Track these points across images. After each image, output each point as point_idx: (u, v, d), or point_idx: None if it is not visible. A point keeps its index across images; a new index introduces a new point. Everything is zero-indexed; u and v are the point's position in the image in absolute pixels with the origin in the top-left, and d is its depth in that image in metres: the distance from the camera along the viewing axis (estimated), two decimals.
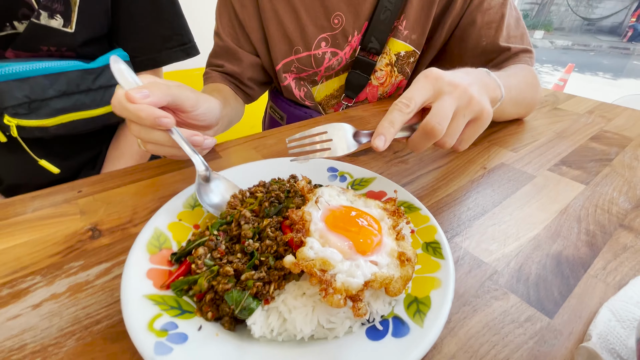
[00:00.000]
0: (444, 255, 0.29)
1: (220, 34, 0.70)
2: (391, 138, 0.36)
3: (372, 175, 0.42)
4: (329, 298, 0.23)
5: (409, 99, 0.36)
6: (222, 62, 0.70)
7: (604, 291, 0.32)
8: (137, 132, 0.37)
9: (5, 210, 0.41)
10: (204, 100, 0.43)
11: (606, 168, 0.52)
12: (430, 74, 0.38)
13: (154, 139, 0.38)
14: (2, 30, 0.56)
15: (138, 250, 0.29)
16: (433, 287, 0.27)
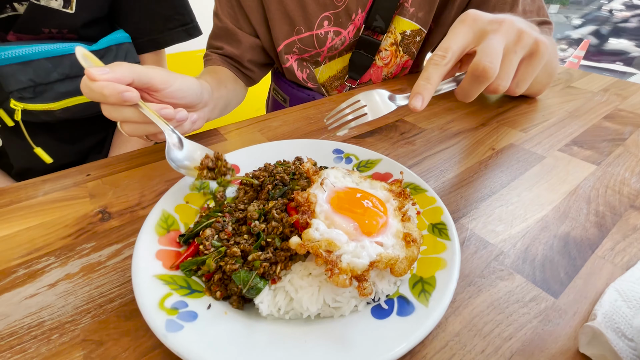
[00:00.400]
0: (450, 236, 0.29)
1: (219, 14, 0.68)
2: (429, 95, 0.33)
3: (378, 156, 0.41)
4: (335, 278, 0.23)
5: (445, 49, 0.33)
6: (221, 44, 0.68)
7: (611, 272, 0.32)
8: (107, 112, 0.37)
9: (17, 194, 0.42)
10: (176, 77, 0.41)
11: (619, 148, 0.51)
12: (466, 17, 0.35)
13: (125, 117, 0.37)
14: (2, 12, 0.56)
15: (147, 232, 0.30)
16: (438, 267, 0.27)
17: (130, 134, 0.39)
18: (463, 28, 0.34)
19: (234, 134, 0.54)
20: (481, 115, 0.61)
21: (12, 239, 0.35)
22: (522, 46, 0.34)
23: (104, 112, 0.37)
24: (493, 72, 0.32)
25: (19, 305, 0.28)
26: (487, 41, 0.33)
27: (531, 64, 0.36)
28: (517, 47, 0.33)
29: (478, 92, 0.35)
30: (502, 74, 0.34)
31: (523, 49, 0.34)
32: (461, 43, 0.34)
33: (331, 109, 0.62)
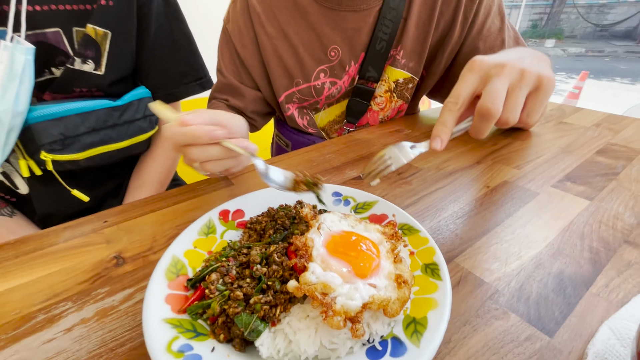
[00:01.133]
0: (442, 276, 0.31)
1: (222, 71, 0.75)
2: (447, 137, 0.38)
3: (374, 198, 0.44)
4: (329, 320, 0.25)
5: (457, 95, 0.38)
6: (225, 96, 0.75)
7: (606, 309, 0.32)
8: (195, 155, 0.42)
9: (40, 241, 0.45)
10: (238, 117, 0.48)
11: (612, 182, 0.52)
12: (472, 64, 0.39)
13: (210, 155, 0.42)
14: (41, 76, 0.63)
15: (158, 277, 0.32)
16: (430, 307, 0.28)
17: (211, 171, 0.45)
18: (471, 75, 0.38)
19: (240, 179, 0.58)
20: (476, 153, 0.63)
21: (34, 285, 0.38)
22: (526, 83, 0.37)
23: (190, 155, 0.42)
24: (495, 111, 0.36)
25: (37, 350, 0.30)
26: (490, 84, 0.37)
27: (538, 96, 0.39)
28: (521, 84, 0.37)
29: (488, 129, 0.38)
30: (509, 108, 0.37)
31: (527, 85, 0.37)
32: (470, 89, 0.38)
33: (331, 152, 0.66)
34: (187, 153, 0.42)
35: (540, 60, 0.42)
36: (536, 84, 0.38)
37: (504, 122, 0.37)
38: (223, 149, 0.42)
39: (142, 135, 0.73)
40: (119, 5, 0.63)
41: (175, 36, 0.75)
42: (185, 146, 0.42)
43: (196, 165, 0.44)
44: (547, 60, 0.45)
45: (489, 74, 0.37)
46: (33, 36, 0.58)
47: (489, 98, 0.36)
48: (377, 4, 0.67)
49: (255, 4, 0.69)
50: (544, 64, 0.41)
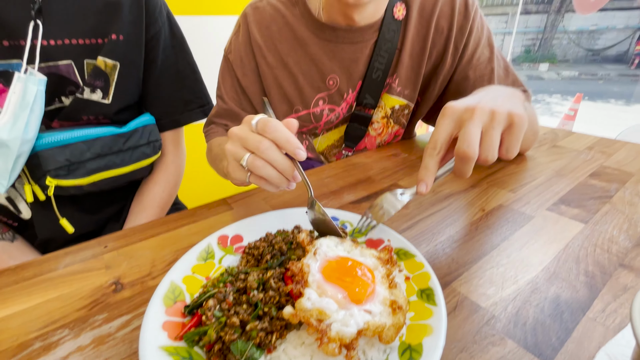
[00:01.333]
0: (437, 302, 0.31)
1: (223, 97, 0.77)
2: (431, 181, 0.40)
3: (371, 223, 0.44)
4: (324, 347, 0.25)
5: (434, 141, 0.40)
6: (225, 121, 0.77)
7: (603, 335, 0.32)
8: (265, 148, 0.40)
9: (41, 267, 0.45)
10: None
11: (606, 205, 0.53)
12: (445, 110, 0.41)
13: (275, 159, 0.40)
14: (51, 104, 0.66)
15: (155, 303, 0.33)
16: (426, 334, 0.28)
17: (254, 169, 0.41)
18: (444, 121, 0.41)
19: (240, 203, 0.59)
20: (471, 177, 0.64)
21: (32, 311, 0.38)
22: (498, 122, 0.39)
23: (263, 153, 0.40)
24: (472, 153, 0.38)
25: None
26: (464, 129, 0.39)
27: (512, 133, 0.40)
28: (493, 124, 0.39)
29: (470, 170, 0.39)
30: (485, 148, 0.39)
31: (499, 124, 0.39)
32: (446, 133, 0.40)
33: (329, 176, 0.68)
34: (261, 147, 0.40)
35: (512, 98, 0.44)
36: (508, 121, 0.39)
37: (484, 161, 0.39)
38: (292, 165, 0.41)
39: (145, 161, 0.75)
40: (129, 39, 0.67)
41: (180, 66, 0.78)
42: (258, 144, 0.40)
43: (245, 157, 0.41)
44: (519, 96, 0.46)
45: (461, 119, 0.40)
46: (46, 68, 0.61)
47: (464, 142, 0.38)
48: (373, 36, 0.71)
49: (257, 36, 0.73)
50: (515, 101, 0.43)
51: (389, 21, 0.70)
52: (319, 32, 0.71)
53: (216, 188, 1.64)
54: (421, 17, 0.71)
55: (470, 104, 0.40)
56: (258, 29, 0.72)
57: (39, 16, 0.58)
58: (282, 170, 0.41)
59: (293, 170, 0.42)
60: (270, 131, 0.40)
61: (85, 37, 0.63)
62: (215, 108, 0.80)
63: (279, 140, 0.40)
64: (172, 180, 0.83)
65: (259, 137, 0.41)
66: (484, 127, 0.39)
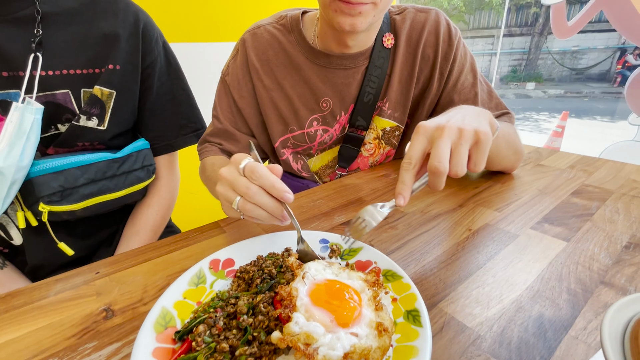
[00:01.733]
0: (422, 323, 0.32)
1: (219, 117, 0.79)
2: (408, 194, 0.43)
3: (359, 245, 0.45)
4: None
5: (410, 157, 0.44)
6: (219, 141, 0.79)
7: (585, 352, 0.33)
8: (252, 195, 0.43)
9: (31, 295, 0.45)
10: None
11: (587, 223, 0.55)
12: (418, 129, 0.45)
13: (264, 203, 0.43)
14: (47, 132, 0.67)
15: (146, 330, 0.33)
16: (412, 355, 0.29)
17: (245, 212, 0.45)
18: (418, 138, 0.45)
19: (233, 226, 0.60)
20: (459, 197, 0.66)
21: (22, 341, 0.38)
22: (465, 139, 0.43)
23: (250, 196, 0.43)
24: (443, 168, 0.41)
25: None
26: (435, 146, 0.43)
27: (479, 148, 0.44)
28: (461, 141, 0.43)
29: (442, 182, 0.43)
30: (454, 163, 0.42)
31: (467, 141, 0.43)
32: (420, 150, 0.44)
33: (320, 198, 0.69)
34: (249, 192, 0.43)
35: (479, 116, 0.48)
36: (474, 138, 0.43)
37: (454, 174, 0.43)
38: (279, 206, 0.44)
39: (139, 185, 0.76)
40: (125, 68, 0.69)
41: (175, 93, 0.81)
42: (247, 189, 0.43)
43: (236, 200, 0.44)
44: (486, 114, 0.50)
45: (433, 136, 0.43)
46: (43, 97, 0.63)
47: (435, 158, 0.41)
48: (364, 63, 0.75)
49: (254, 60, 0.76)
50: (481, 119, 0.47)
51: (379, 49, 0.74)
52: (313, 58, 0.75)
53: (210, 210, 1.64)
54: (408, 46, 0.75)
55: (441, 123, 0.44)
56: (255, 53, 0.76)
57: (39, 49, 0.60)
58: (271, 212, 0.44)
59: (282, 211, 0.45)
60: (257, 177, 0.43)
61: (83, 67, 0.65)
62: (210, 127, 0.82)
63: (265, 187, 0.43)
64: (166, 204, 0.84)
65: (247, 183, 0.43)
66: (453, 144, 0.42)
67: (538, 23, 11.00)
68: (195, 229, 0.60)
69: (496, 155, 0.66)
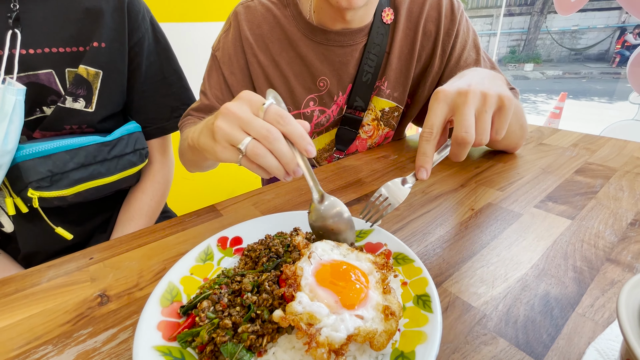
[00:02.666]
0: (433, 309, 0.30)
1: (207, 93, 0.75)
2: (430, 166, 0.41)
3: (370, 227, 0.43)
4: (313, 351, 0.25)
5: (430, 126, 0.41)
6: (204, 115, 0.74)
7: (592, 330, 0.32)
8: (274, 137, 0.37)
9: (23, 282, 0.44)
10: None
11: (592, 201, 0.54)
12: (438, 95, 0.41)
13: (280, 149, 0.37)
14: (32, 114, 0.64)
15: (152, 303, 0.33)
16: (419, 341, 0.28)
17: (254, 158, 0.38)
18: (438, 105, 0.41)
19: (229, 209, 0.58)
20: (461, 176, 0.65)
21: (14, 328, 0.37)
22: (490, 105, 0.40)
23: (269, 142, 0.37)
24: (470, 137, 0.39)
25: None
26: (460, 114, 0.39)
27: (502, 115, 0.42)
28: (485, 107, 0.40)
29: (466, 153, 0.41)
30: (480, 131, 0.40)
31: (491, 107, 0.40)
32: (441, 118, 0.41)
33: (319, 179, 0.67)
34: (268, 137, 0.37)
35: (496, 79, 0.45)
36: (498, 104, 0.41)
37: (478, 144, 0.40)
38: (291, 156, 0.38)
39: (131, 169, 0.73)
40: (111, 46, 0.66)
41: (166, 73, 0.78)
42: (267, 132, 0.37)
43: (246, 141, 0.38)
44: (502, 77, 0.48)
45: (455, 103, 0.40)
46: (25, 77, 0.60)
47: (462, 128, 0.38)
48: (363, 40, 0.72)
49: (248, 35, 0.72)
50: (500, 82, 0.44)
51: (378, 25, 0.71)
52: (310, 34, 0.71)
53: (206, 194, 1.63)
54: (409, 21, 0.72)
55: (462, 88, 0.40)
56: (249, 27, 0.72)
57: (17, 25, 0.57)
58: (285, 164, 0.38)
59: (296, 165, 0.39)
60: (285, 123, 0.37)
61: (65, 45, 0.62)
62: (197, 103, 0.77)
63: (292, 134, 0.37)
64: (160, 189, 0.82)
65: (267, 125, 0.37)
66: (477, 111, 0.39)
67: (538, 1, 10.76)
68: (191, 212, 0.58)
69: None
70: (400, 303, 0.32)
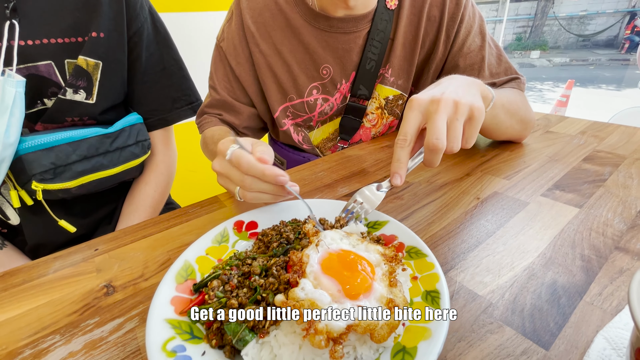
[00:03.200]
0: (441, 305, 0.30)
1: (216, 88, 0.75)
2: (404, 172, 0.41)
3: (386, 218, 0.43)
4: (311, 338, 0.25)
5: (404, 133, 0.42)
6: (219, 112, 0.75)
7: (600, 318, 0.32)
8: (249, 184, 0.42)
9: (30, 273, 0.44)
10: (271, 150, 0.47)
11: (600, 189, 0.53)
12: (411, 103, 0.43)
13: (260, 189, 0.43)
14: (33, 107, 0.64)
15: (168, 279, 0.34)
16: (423, 337, 0.27)
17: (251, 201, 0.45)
18: (412, 113, 0.42)
19: (233, 200, 0.58)
20: (466, 165, 0.64)
21: (22, 318, 0.37)
22: (461, 114, 0.41)
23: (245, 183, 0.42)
24: (442, 144, 0.40)
25: None
26: (432, 122, 0.40)
27: (472, 125, 0.43)
28: (457, 115, 0.41)
29: (439, 159, 0.42)
30: (451, 139, 0.41)
31: (462, 115, 0.41)
32: (414, 125, 0.42)
33: (323, 170, 0.67)
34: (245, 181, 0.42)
35: (471, 87, 0.46)
36: (469, 114, 0.42)
37: (449, 151, 0.41)
38: (274, 187, 0.43)
39: (134, 161, 0.73)
40: (110, 36, 0.65)
41: (166, 63, 0.77)
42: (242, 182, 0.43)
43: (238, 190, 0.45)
44: (478, 85, 0.48)
45: (428, 110, 0.41)
46: (25, 69, 0.59)
47: (433, 135, 0.39)
48: (366, 26, 0.70)
49: (249, 23, 0.71)
50: (474, 90, 0.45)
51: (382, 11, 0.69)
52: (312, 20, 0.70)
53: (210, 187, 1.63)
54: (413, 7, 0.70)
55: (435, 96, 0.41)
56: (251, 15, 0.71)
57: (14, 16, 0.56)
58: (272, 194, 0.44)
59: (283, 190, 0.44)
60: (245, 170, 0.42)
61: (64, 36, 0.61)
62: (208, 98, 0.78)
63: (256, 176, 0.42)
64: (164, 180, 0.82)
65: (239, 174, 0.43)
66: (449, 119, 0.41)
67: None
68: (195, 203, 0.58)
69: (496, 125, 0.62)
70: (407, 297, 0.31)
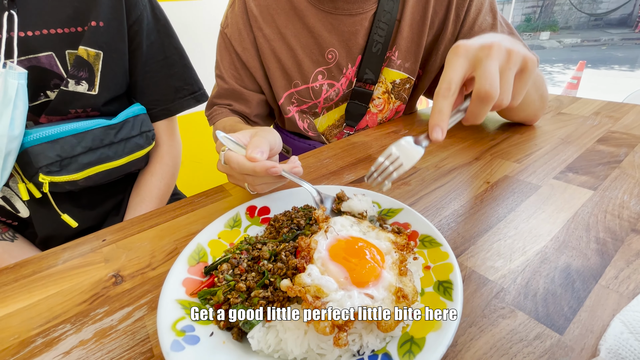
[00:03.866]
0: (454, 297, 0.29)
1: (223, 77, 0.74)
2: (446, 125, 0.36)
3: (400, 205, 0.41)
4: (315, 324, 0.24)
5: (448, 81, 0.36)
6: (228, 102, 0.74)
7: (617, 302, 0.31)
8: (251, 180, 0.44)
9: (39, 264, 0.45)
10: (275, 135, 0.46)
11: (615, 171, 0.51)
12: (457, 49, 0.38)
13: (264, 181, 0.45)
14: (37, 99, 0.64)
15: (181, 261, 0.35)
16: (432, 328, 0.27)
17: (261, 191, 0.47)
18: (458, 59, 0.37)
19: (238, 189, 0.58)
20: (475, 150, 0.63)
21: (33, 308, 0.38)
22: (514, 63, 0.36)
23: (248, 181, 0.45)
24: (495, 92, 0.35)
25: None
26: (483, 67, 0.35)
27: (523, 77, 0.38)
28: (509, 64, 0.36)
29: (486, 113, 0.37)
30: (503, 90, 0.36)
31: (515, 65, 0.37)
32: (460, 73, 0.37)
33: (328, 157, 0.66)
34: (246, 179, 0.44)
35: (517, 42, 0.41)
36: (522, 64, 0.37)
37: (499, 104, 0.36)
38: (274, 177, 0.44)
39: (139, 152, 0.73)
40: (110, 25, 0.64)
41: (167, 52, 0.75)
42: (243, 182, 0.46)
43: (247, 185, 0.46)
44: (522, 43, 0.46)
45: (477, 57, 0.36)
46: (26, 61, 0.59)
47: (486, 81, 0.34)
48: (372, 8, 0.68)
49: (252, 7, 0.69)
50: (522, 45, 0.41)
51: None
52: (317, 2, 0.68)
53: (215, 175, 1.63)
54: None
55: (486, 42, 0.37)
56: None
57: (13, 6, 0.55)
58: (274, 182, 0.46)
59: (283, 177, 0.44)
60: (238, 170, 0.42)
61: (63, 26, 0.60)
62: (216, 88, 0.76)
63: (249, 175, 0.42)
64: (169, 171, 0.82)
65: (241, 176, 0.44)
66: (501, 67, 0.36)
67: None
68: (200, 193, 0.58)
69: (525, 98, 0.58)
70: (417, 287, 0.30)
